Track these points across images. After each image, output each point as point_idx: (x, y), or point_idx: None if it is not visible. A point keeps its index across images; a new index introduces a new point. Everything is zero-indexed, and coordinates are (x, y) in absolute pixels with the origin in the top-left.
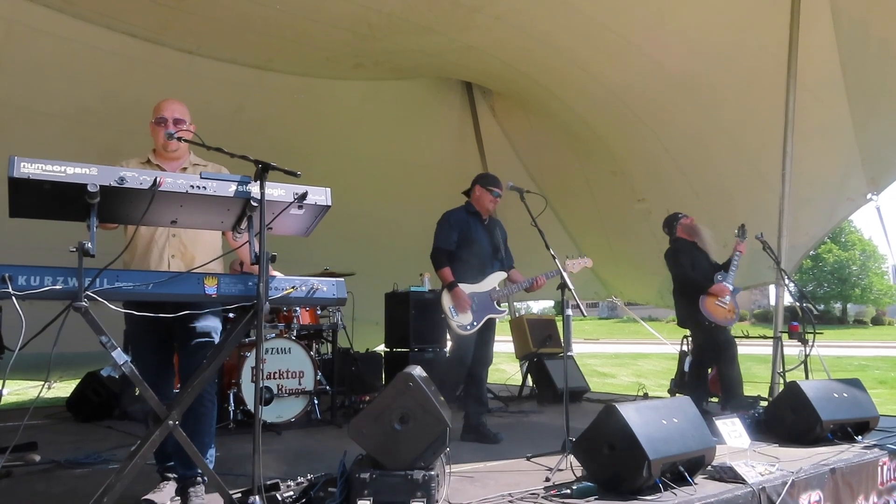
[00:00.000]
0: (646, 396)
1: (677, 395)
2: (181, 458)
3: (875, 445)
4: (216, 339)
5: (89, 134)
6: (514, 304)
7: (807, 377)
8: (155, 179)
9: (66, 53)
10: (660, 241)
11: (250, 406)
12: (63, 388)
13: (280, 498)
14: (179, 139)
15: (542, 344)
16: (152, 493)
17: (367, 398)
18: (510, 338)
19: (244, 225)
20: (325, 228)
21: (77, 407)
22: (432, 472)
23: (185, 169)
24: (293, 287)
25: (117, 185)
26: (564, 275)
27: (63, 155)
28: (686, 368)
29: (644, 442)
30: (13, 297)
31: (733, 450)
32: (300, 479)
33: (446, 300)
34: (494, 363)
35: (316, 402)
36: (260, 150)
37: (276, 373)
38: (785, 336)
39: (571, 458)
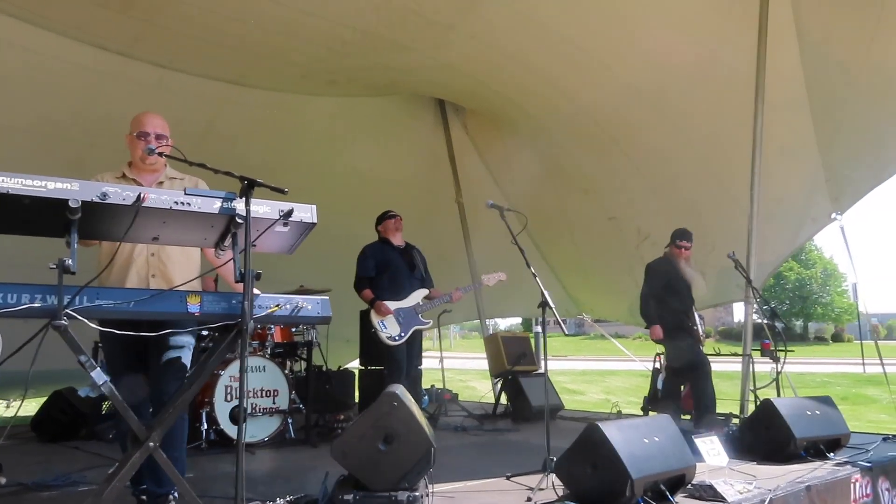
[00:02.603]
0: (619, 414)
1: (650, 412)
2: (153, 475)
3: (847, 462)
4: (187, 355)
5: (56, 148)
6: (486, 321)
7: (778, 394)
8: (139, 195)
9: (34, 66)
10: (630, 258)
11: (223, 426)
12: (24, 408)
13: None
14: (160, 154)
15: (516, 362)
16: None
17: (342, 417)
18: (483, 355)
19: (227, 242)
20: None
21: (42, 427)
22: (416, 493)
23: (161, 183)
24: (277, 305)
25: (99, 200)
26: (546, 293)
27: (29, 169)
28: (659, 386)
29: (627, 461)
30: None
31: (711, 468)
32: (279, 501)
33: (373, 316)
34: (464, 381)
35: (290, 421)
36: (231, 166)
37: (250, 391)
38: (756, 353)
39: (552, 477)
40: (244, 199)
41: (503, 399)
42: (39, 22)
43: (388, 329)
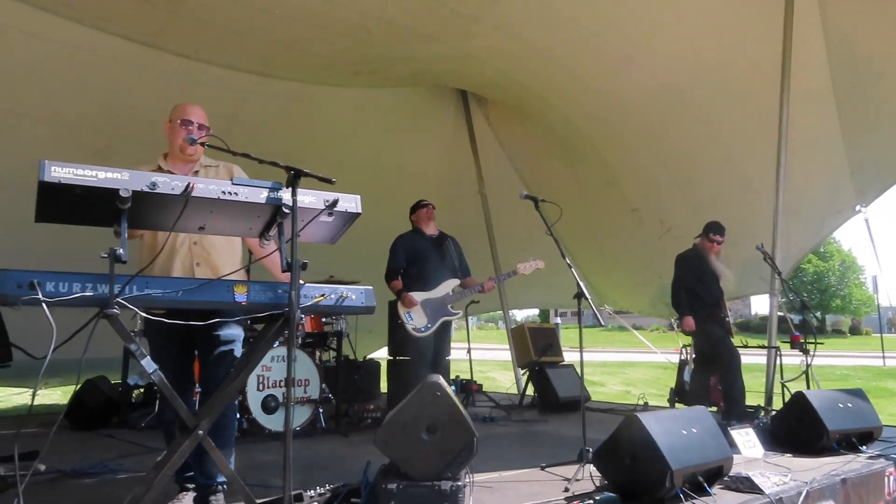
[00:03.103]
0: (646, 406)
1: (677, 404)
2: (201, 467)
3: (880, 455)
4: (238, 348)
5: (83, 138)
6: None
7: (808, 387)
8: (187, 185)
9: (61, 57)
10: (652, 250)
11: (255, 415)
12: (47, 396)
13: None
14: (202, 144)
15: (543, 353)
16: (169, 502)
17: (371, 406)
18: (500, 345)
19: (272, 232)
20: None
21: (75, 415)
22: (459, 483)
23: (196, 172)
24: (323, 295)
25: (149, 190)
26: (581, 284)
27: (55, 159)
28: (686, 378)
29: (666, 452)
30: (43, 304)
31: (747, 459)
32: (318, 489)
33: (400, 307)
34: (484, 371)
35: (321, 410)
36: (257, 156)
37: (281, 381)
38: (786, 346)
39: (589, 468)
40: (290, 188)
41: (529, 390)
42: (65, 13)
43: (415, 320)
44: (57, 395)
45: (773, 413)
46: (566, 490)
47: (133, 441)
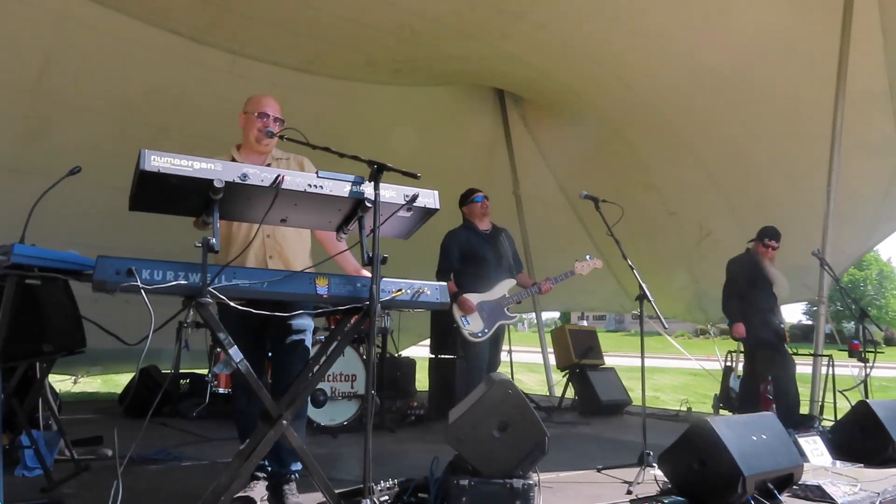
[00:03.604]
0: (689, 411)
1: (721, 410)
2: (275, 455)
3: None
4: (309, 338)
5: (129, 129)
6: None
7: (866, 396)
8: (277, 177)
9: (111, 49)
10: (689, 255)
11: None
12: (88, 384)
13: (378, 502)
14: (281, 137)
15: (583, 355)
16: (244, 492)
17: (415, 403)
18: (527, 347)
19: (351, 226)
20: None
21: (129, 402)
22: (531, 482)
23: (268, 164)
24: (400, 290)
25: (240, 181)
26: (644, 286)
27: (101, 150)
28: (731, 384)
29: (738, 457)
30: (142, 291)
31: (814, 467)
32: (386, 483)
33: (455, 311)
34: (510, 373)
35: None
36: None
37: (329, 375)
38: (843, 354)
39: (651, 471)
40: (373, 182)
41: (568, 392)
42: (117, 6)
43: (471, 325)
44: (97, 383)
45: (833, 422)
46: (629, 493)
47: (187, 430)
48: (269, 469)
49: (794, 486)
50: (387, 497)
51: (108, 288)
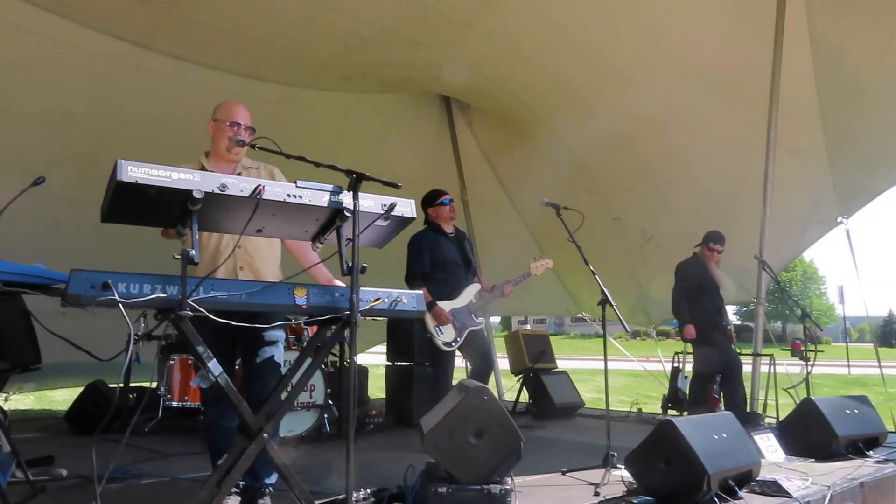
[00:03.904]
0: (640, 412)
1: (670, 410)
2: (250, 469)
3: (888, 460)
4: (281, 349)
5: (69, 137)
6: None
7: (808, 394)
8: (256, 187)
9: (48, 53)
10: (633, 259)
11: None
12: (20, 401)
13: None
14: (253, 146)
15: (537, 359)
16: None
17: (373, 412)
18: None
19: (328, 235)
20: None
21: (76, 419)
22: (508, 487)
23: (239, 173)
24: (378, 299)
25: (220, 192)
26: (606, 291)
27: (40, 158)
28: (679, 385)
29: (703, 457)
30: (119, 305)
31: (769, 464)
32: (362, 493)
33: (429, 320)
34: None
35: (325, 416)
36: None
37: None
38: (786, 354)
39: (615, 472)
40: (352, 192)
41: (522, 396)
42: (59, 10)
43: (445, 334)
44: (30, 399)
45: (774, 420)
46: (596, 494)
47: (141, 446)
48: (243, 484)
49: (752, 483)
50: None
51: (82, 302)
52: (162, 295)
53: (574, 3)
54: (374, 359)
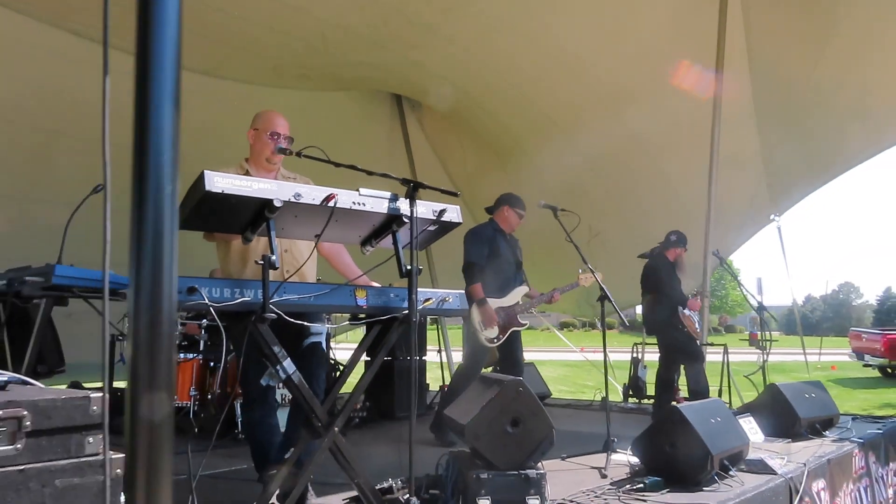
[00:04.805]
0: (603, 401)
1: (630, 398)
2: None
3: (842, 439)
4: (324, 341)
5: (20, 134)
6: None
7: (764, 380)
8: (327, 196)
9: (1, 47)
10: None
11: None
12: None
13: (402, 500)
14: (299, 155)
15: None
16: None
17: (357, 405)
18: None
19: (380, 240)
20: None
21: None
22: (542, 471)
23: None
24: (429, 299)
25: (294, 200)
26: (605, 288)
27: None
28: (640, 374)
29: (706, 439)
30: (210, 309)
31: (750, 444)
32: (391, 482)
33: (476, 315)
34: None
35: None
36: (201, 158)
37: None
38: (744, 343)
39: (615, 456)
40: (409, 199)
41: None
42: (11, 4)
43: (488, 331)
44: None
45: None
46: (604, 477)
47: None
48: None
49: (742, 462)
50: (408, 496)
51: None
52: (247, 298)
53: (535, 9)
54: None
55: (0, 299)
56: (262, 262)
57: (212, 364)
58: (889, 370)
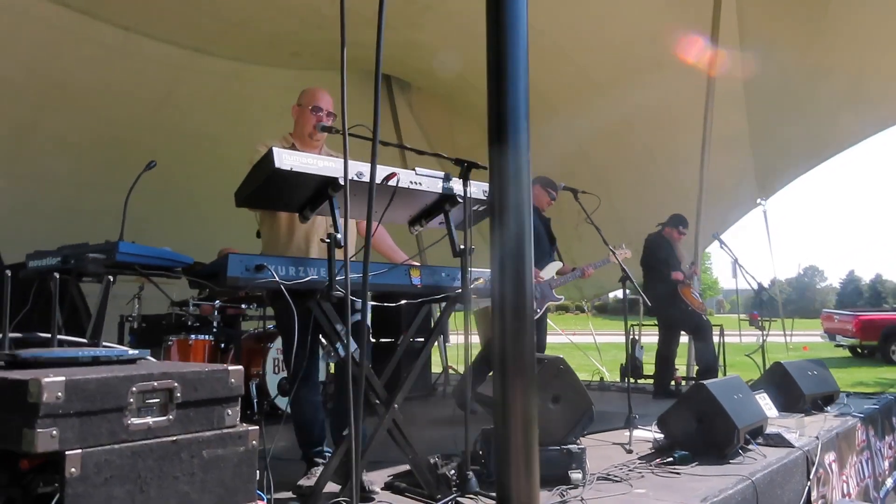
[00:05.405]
0: (602, 381)
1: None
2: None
3: (843, 414)
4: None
5: (5, 107)
6: None
7: (763, 360)
8: (387, 176)
9: None
10: (569, 238)
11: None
12: None
13: (449, 475)
14: (351, 135)
15: None
16: (305, 479)
17: None
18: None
19: (428, 220)
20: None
21: None
22: (583, 446)
23: None
24: (480, 279)
25: (357, 179)
26: (625, 268)
27: None
28: (638, 355)
29: (732, 414)
30: (281, 286)
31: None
32: (432, 460)
33: None
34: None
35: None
36: (187, 135)
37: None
38: (745, 324)
39: (635, 432)
40: (463, 180)
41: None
42: None
43: None
44: None
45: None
46: (629, 452)
47: None
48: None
49: (761, 437)
50: (453, 471)
51: (240, 284)
52: (314, 277)
53: None
54: None
55: (54, 276)
56: (328, 241)
57: (223, 345)
58: (860, 350)
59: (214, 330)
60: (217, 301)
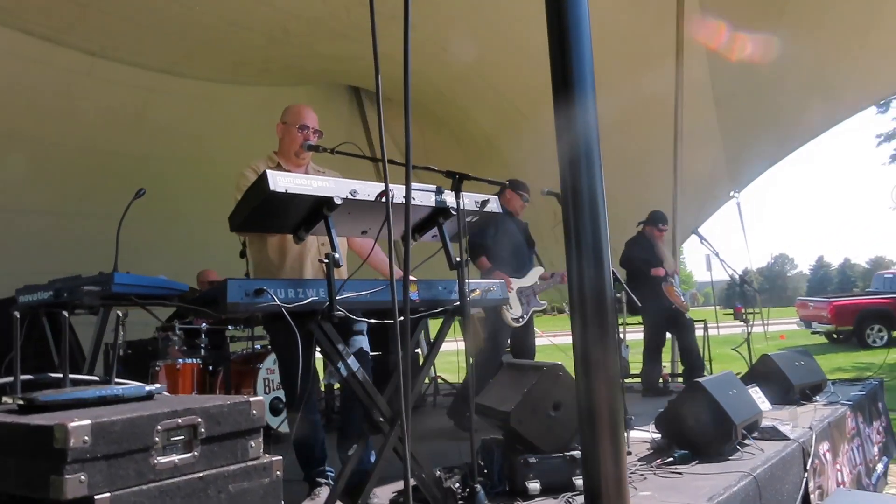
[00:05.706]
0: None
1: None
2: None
3: (832, 403)
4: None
5: None
6: None
7: (749, 353)
8: (382, 192)
9: None
10: (545, 240)
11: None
12: None
13: (453, 488)
14: (333, 152)
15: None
16: (309, 500)
17: None
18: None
19: (425, 233)
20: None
21: None
22: None
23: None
24: (476, 290)
25: (351, 197)
26: (615, 272)
27: None
28: (624, 354)
29: (729, 411)
30: (283, 310)
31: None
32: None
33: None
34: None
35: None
36: (160, 156)
37: (278, 383)
38: (729, 317)
39: (631, 433)
40: (455, 192)
41: None
42: None
43: (513, 309)
44: None
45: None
46: (629, 453)
47: None
48: (333, 474)
49: (756, 430)
50: (457, 484)
51: (240, 310)
52: (314, 298)
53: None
54: None
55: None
56: (325, 261)
57: (211, 368)
58: (835, 336)
59: (202, 353)
60: (204, 324)
